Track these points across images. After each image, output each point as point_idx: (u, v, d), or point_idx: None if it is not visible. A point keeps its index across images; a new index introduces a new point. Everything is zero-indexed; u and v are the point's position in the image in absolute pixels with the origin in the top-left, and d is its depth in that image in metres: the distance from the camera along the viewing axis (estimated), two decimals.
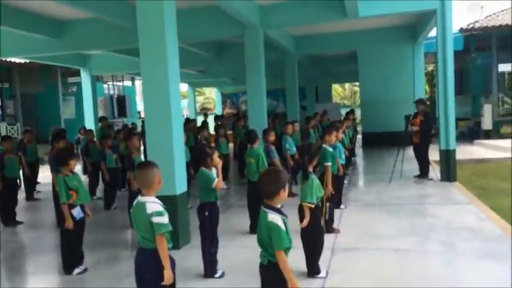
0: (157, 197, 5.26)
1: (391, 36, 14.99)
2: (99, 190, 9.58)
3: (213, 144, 10.66)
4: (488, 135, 16.71)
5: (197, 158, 4.79)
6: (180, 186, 5.69)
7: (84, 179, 9.77)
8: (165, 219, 3.02)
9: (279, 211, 2.87)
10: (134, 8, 5.66)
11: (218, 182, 4.58)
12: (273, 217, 2.82)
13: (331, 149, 6.08)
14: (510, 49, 17.01)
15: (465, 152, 13.19)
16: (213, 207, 4.58)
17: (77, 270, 5.03)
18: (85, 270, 5.09)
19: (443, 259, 4.75)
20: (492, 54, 16.65)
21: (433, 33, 14.15)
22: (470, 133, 17.46)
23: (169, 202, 5.48)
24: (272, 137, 7.53)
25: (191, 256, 5.24)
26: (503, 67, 17.83)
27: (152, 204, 3.06)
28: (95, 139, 10.40)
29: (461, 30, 15.82)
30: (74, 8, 8.32)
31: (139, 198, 3.13)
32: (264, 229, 2.83)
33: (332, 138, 6.23)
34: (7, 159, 7.76)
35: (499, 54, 16.72)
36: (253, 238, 2.96)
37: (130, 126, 15.21)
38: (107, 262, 5.48)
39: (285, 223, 2.83)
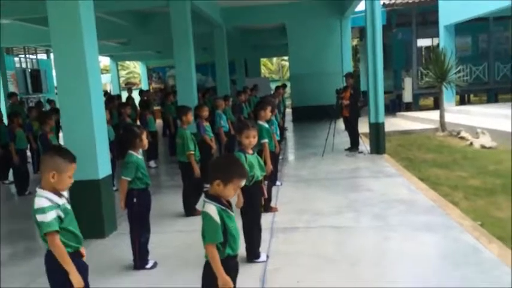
0: (79, 181, 4.73)
1: (320, 10, 15.00)
2: (11, 174, 8.64)
3: (138, 122, 10.03)
4: (409, 107, 17.54)
5: (124, 139, 4.27)
6: (104, 169, 5.14)
7: None
8: (46, 217, 2.50)
9: (218, 200, 2.54)
10: None
11: None
12: (207, 206, 2.51)
13: (267, 125, 5.82)
14: (428, 24, 17.81)
15: (389, 124, 13.62)
16: (142, 193, 4.13)
17: None
18: None
19: (383, 234, 4.73)
20: (412, 29, 17.30)
21: (358, 8, 14.40)
22: (393, 106, 18.22)
23: (92, 186, 5.01)
24: (205, 112, 7.12)
25: (119, 245, 4.79)
26: (422, 42, 18.68)
27: (39, 199, 2.56)
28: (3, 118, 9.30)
29: (383, 5, 16.21)
30: None
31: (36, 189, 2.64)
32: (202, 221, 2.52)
33: (267, 113, 5.94)
34: None
35: (418, 30, 17.41)
36: (188, 221, 2.62)
37: (47, 102, 13.94)
38: (23, 256, 4.87)
39: (222, 215, 2.51)
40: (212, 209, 2.49)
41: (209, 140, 7.10)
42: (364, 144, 9.49)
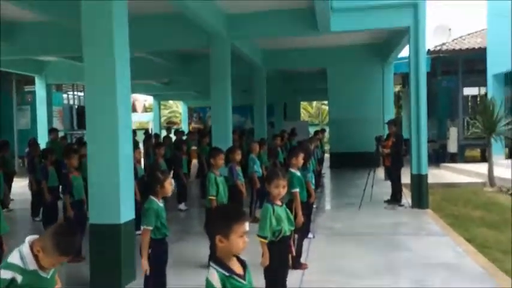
0: (98, 225, 4.50)
1: (361, 55, 14.81)
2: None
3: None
4: (453, 158, 16.69)
5: (147, 183, 4.06)
6: (126, 213, 4.91)
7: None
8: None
9: (223, 265, 2.14)
10: None
11: None
12: (211, 272, 2.12)
13: (298, 173, 5.48)
14: (475, 73, 17.19)
15: (432, 175, 12.86)
16: (159, 244, 3.84)
17: None
18: None
19: None
20: (458, 77, 16.74)
21: (401, 54, 14.10)
22: (437, 156, 17.40)
23: (113, 231, 4.78)
24: (238, 155, 6.89)
25: None
26: (468, 90, 18.01)
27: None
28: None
29: (428, 52, 15.81)
30: (25, 8, 7.54)
31: None
32: None
33: (299, 161, 5.59)
34: None
35: (464, 78, 16.82)
36: None
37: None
38: None
39: (227, 282, 2.10)
40: (214, 276, 2.11)
41: (240, 185, 6.82)
42: (406, 197, 8.91)
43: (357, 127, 15.12)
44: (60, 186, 7.72)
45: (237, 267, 2.23)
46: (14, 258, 2.32)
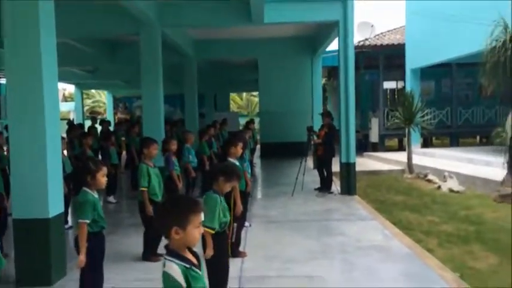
0: (24, 220, 4.20)
1: (292, 47, 15.11)
2: None
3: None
4: (375, 147, 17.67)
5: (79, 174, 3.81)
6: (55, 207, 4.59)
7: None
8: None
9: (181, 257, 2.06)
10: None
11: None
12: (169, 266, 2.02)
13: (237, 163, 5.47)
14: (394, 67, 18.27)
15: (357, 163, 13.55)
16: (96, 238, 3.64)
17: None
18: None
19: (360, 285, 4.39)
20: (379, 71, 17.69)
21: (329, 48, 14.58)
22: (360, 145, 18.28)
23: (41, 226, 4.46)
24: (174, 145, 6.85)
25: None
26: (388, 84, 19.13)
27: None
28: None
29: None
30: None
31: None
32: (162, 280, 2.04)
33: (238, 150, 5.59)
34: None
35: (384, 72, 17.82)
36: (147, 266, 2.17)
37: (5, 128, 13.13)
38: None
39: (188, 274, 2.02)
40: (175, 269, 2.01)
41: (176, 176, 6.68)
42: (335, 185, 9.27)
43: (287, 118, 15.42)
44: None
45: (192, 259, 2.15)
46: None
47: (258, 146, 16.38)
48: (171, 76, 16.10)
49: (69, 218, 6.92)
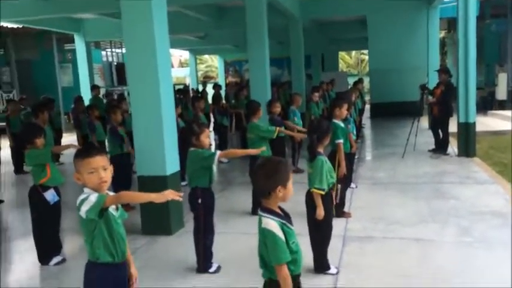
0: (146, 176, 4.64)
1: (404, 0, 14.04)
2: None
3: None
4: (502, 105, 15.95)
5: (184, 137, 4.12)
6: (171, 165, 5.03)
7: None
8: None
9: (277, 214, 2.24)
10: None
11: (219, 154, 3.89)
12: (267, 222, 2.20)
13: (342, 124, 5.39)
14: None
15: (480, 123, 12.29)
16: (207, 193, 3.94)
17: (54, 260, 4.45)
18: (63, 260, 4.52)
19: (471, 251, 4.15)
20: (508, 21, 15.67)
21: None
22: (484, 103, 16.66)
23: (160, 183, 4.92)
24: (277, 108, 6.98)
25: (185, 244, 4.63)
26: None
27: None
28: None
29: None
30: None
31: None
32: (261, 237, 2.23)
33: (343, 112, 5.49)
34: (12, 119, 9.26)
35: None
36: (255, 221, 2.34)
37: (128, 95, 14.48)
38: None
39: (284, 229, 2.21)
40: (274, 224, 2.19)
41: (289, 128, 6.89)
42: (452, 146, 8.64)
43: (399, 76, 14.60)
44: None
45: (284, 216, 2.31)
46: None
47: (368, 107, 15.85)
48: (278, 38, 16.12)
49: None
